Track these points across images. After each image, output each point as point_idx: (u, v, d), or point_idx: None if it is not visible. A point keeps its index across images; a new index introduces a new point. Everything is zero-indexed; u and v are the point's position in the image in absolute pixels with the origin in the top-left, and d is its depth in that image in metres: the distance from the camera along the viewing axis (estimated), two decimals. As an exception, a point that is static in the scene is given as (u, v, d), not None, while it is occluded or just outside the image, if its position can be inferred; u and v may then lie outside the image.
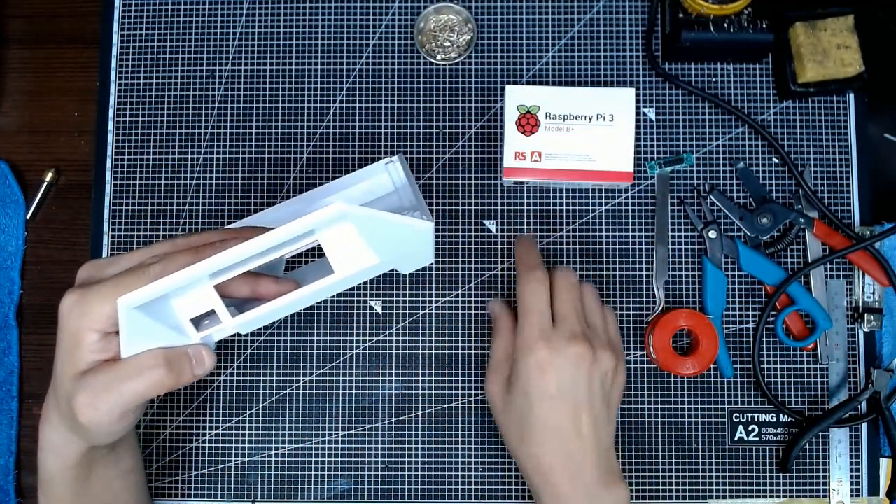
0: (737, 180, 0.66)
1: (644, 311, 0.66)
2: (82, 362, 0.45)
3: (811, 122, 0.67)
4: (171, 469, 0.65)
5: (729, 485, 0.64)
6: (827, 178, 0.67)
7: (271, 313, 0.49)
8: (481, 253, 0.66)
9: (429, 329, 0.66)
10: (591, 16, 0.68)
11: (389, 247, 0.48)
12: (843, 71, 0.63)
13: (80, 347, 0.44)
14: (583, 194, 0.66)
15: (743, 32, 0.63)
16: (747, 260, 0.64)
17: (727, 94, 0.67)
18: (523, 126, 0.62)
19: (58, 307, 0.45)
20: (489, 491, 0.64)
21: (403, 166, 0.56)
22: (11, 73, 0.70)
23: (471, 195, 0.67)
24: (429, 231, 0.49)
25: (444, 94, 0.68)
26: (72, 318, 0.44)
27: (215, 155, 0.67)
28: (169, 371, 0.45)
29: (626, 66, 0.68)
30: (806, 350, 0.65)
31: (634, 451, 0.65)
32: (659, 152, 0.67)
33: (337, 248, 0.46)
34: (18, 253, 0.67)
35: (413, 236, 0.49)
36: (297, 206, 0.57)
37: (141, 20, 0.69)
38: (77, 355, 0.44)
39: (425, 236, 0.50)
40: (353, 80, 0.68)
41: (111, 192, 0.67)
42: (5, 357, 0.66)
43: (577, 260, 0.66)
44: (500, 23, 0.68)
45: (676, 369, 0.62)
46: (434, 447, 0.65)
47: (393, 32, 0.68)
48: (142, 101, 0.68)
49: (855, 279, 0.66)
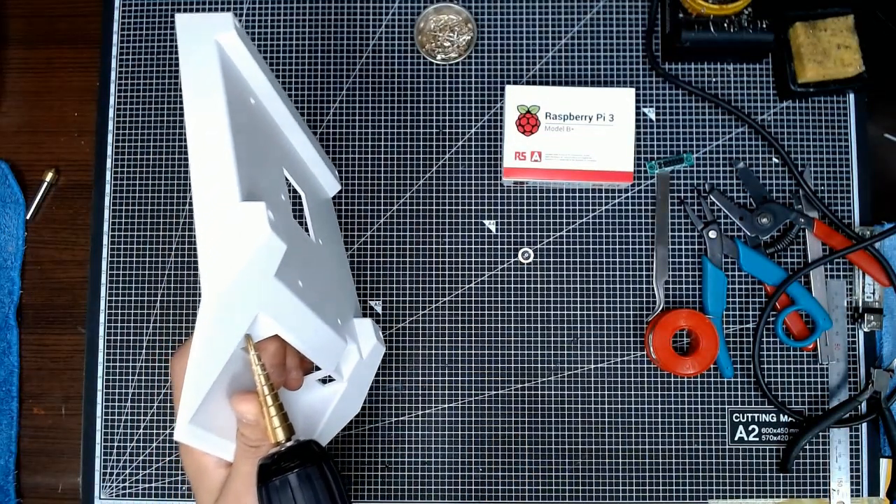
0: (737, 180, 0.66)
1: (644, 311, 0.66)
2: (215, 483, 0.45)
3: (811, 122, 0.67)
4: (170, 469, 0.65)
5: (729, 485, 0.64)
6: (827, 178, 0.67)
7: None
8: (481, 253, 0.66)
9: (429, 329, 0.66)
10: (591, 16, 0.68)
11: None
12: (843, 71, 0.63)
13: (207, 474, 0.45)
14: (583, 194, 0.66)
15: (743, 32, 0.63)
16: (747, 260, 0.64)
17: (727, 94, 0.67)
18: (523, 126, 0.62)
19: None
20: (489, 491, 0.64)
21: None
22: (11, 73, 0.70)
23: (471, 195, 0.67)
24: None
25: (444, 94, 0.68)
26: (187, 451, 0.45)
27: (215, 155, 0.67)
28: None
29: (626, 66, 0.68)
30: (806, 350, 0.65)
31: (635, 452, 0.65)
32: (659, 152, 0.67)
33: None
34: (18, 253, 0.67)
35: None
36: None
37: (141, 20, 0.69)
38: (207, 482, 0.45)
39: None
40: (353, 80, 0.68)
41: (111, 192, 0.67)
42: (5, 357, 0.66)
43: (577, 260, 0.66)
44: (500, 23, 0.68)
45: (676, 369, 0.62)
46: (434, 447, 0.65)
47: (393, 32, 0.68)
48: (142, 101, 0.68)
49: (855, 279, 0.66)
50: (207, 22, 0.44)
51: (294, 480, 0.40)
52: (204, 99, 0.42)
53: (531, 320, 0.65)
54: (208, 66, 0.43)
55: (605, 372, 0.65)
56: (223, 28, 0.44)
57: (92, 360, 0.66)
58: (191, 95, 0.42)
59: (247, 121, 0.45)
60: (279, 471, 0.40)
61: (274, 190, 0.47)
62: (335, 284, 0.56)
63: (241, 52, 0.46)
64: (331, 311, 0.50)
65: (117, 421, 0.65)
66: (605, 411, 0.65)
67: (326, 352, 0.48)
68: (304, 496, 0.40)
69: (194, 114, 0.41)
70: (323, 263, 0.54)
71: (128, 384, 0.66)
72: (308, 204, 0.57)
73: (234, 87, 0.45)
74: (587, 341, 0.65)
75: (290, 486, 0.40)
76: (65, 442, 0.67)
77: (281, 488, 0.40)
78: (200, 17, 0.45)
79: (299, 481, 0.40)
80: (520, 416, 0.65)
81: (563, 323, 0.65)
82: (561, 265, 0.66)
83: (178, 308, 0.66)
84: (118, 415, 0.65)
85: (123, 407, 0.65)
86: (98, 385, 0.66)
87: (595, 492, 0.64)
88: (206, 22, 0.44)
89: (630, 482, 0.64)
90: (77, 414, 0.66)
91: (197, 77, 0.43)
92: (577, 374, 0.65)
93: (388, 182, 0.67)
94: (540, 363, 0.65)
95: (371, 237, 0.66)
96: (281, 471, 0.40)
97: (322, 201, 0.62)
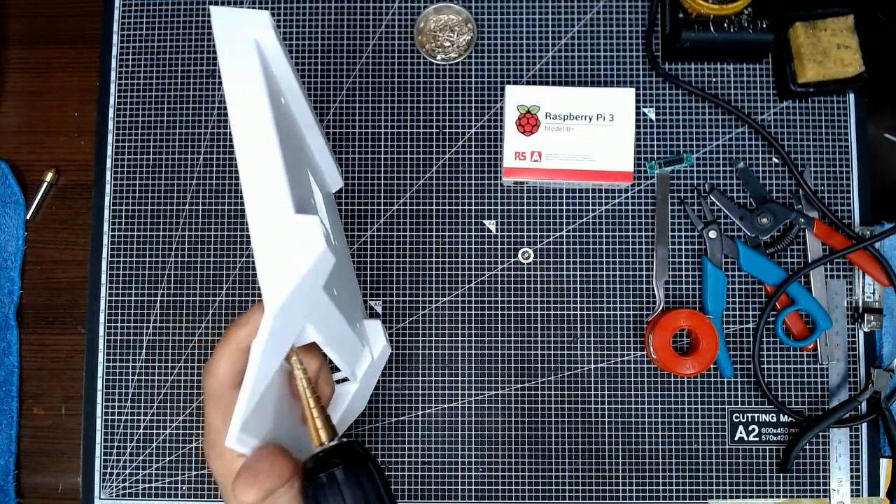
0: (737, 180, 0.66)
1: (644, 311, 0.66)
2: None
3: (811, 122, 0.67)
4: (171, 469, 0.65)
5: (729, 485, 0.64)
6: (827, 178, 0.67)
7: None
8: (481, 253, 0.66)
9: (429, 329, 0.66)
10: (591, 16, 0.68)
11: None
12: (843, 71, 0.63)
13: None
14: (583, 194, 0.66)
15: (743, 32, 0.63)
16: (747, 260, 0.64)
17: (727, 94, 0.67)
18: (523, 126, 0.62)
19: None
20: (489, 491, 0.64)
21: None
22: (11, 73, 0.70)
23: (471, 195, 0.67)
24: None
25: (444, 94, 0.68)
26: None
27: (215, 155, 0.67)
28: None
29: (626, 66, 0.68)
30: (806, 350, 0.65)
31: (635, 452, 0.65)
32: (659, 152, 0.67)
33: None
34: (18, 253, 0.67)
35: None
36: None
37: (141, 20, 0.69)
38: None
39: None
40: (353, 80, 0.68)
41: (111, 192, 0.67)
42: (5, 357, 0.66)
43: (577, 260, 0.66)
44: (500, 23, 0.68)
45: (676, 369, 0.62)
46: (434, 447, 0.65)
47: (393, 32, 0.68)
48: (142, 101, 0.68)
49: (855, 279, 0.66)
50: (245, 18, 0.44)
51: (341, 476, 0.40)
52: (249, 103, 0.42)
53: (531, 320, 0.65)
54: (251, 68, 0.43)
55: (605, 372, 0.65)
56: (261, 26, 0.44)
57: (92, 360, 0.66)
58: (235, 98, 0.42)
59: (284, 123, 0.46)
60: (326, 466, 0.40)
61: (307, 194, 0.47)
62: (350, 287, 0.56)
63: (276, 52, 0.46)
64: (352, 315, 0.50)
65: (117, 421, 0.65)
66: (605, 411, 0.65)
67: (350, 356, 0.49)
68: (352, 492, 0.40)
69: (240, 119, 0.41)
70: (342, 266, 0.54)
71: (128, 384, 0.66)
72: (324, 203, 0.57)
73: (272, 88, 0.45)
74: (587, 341, 0.65)
75: (337, 481, 0.40)
76: (65, 442, 0.67)
77: (328, 484, 0.40)
78: (239, 14, 0.44)
79: (346, 477, 0.40)
80: (520, 416, 0.65)
81: (563, 323, 0.65)
82: (561, 265, 0.66)
83: (178, 308, 0.66)
84: (118, 415, 0.65)
85: (123, 407, 0.65)
86: (98, 385, 0.66)
87: (595, 492, 0.64)
88: (244, 18, 0.44)
89: (630, 482, 0.64)
90: (77, 414, 0.66)
91: (240, 80, 0.42)
92: (577, 374, 0.65)
93: (389, 182, 0.67)
94: (540, 363, 0.65)
95: (371, 237, 0.66)
96: (328, 466, 0.40)
97: (327, 196, 0.62)
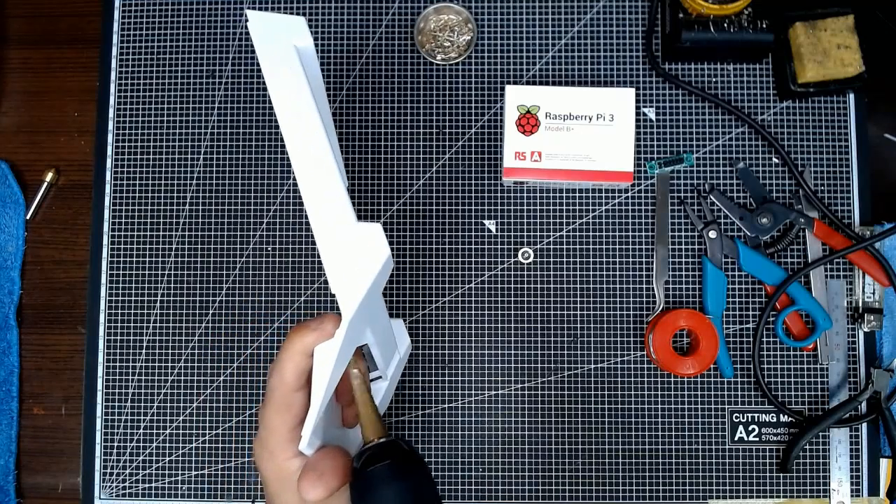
0: (737, 180, 0.66)
1: (644, 311, 0.66)
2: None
3: (811, 122, 0.67)
4: (171, 469, 0.65)
5: (729, 485, 0.64)
6: (827, 178, 0.67)
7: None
8: (481, 253, 0.66)
9: (429, 329, 0.66)
10: (591, 16, 0.68)
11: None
12: (843, 71, 0.63)
13: (291, 480, 0.44)
14: (583, 194, 0.66)
15: (743, 32, 0.63)
16: (747, 260, 0.64)
17: (727, 94, 0.67)
18: (523, 126, 0.62)
19: None
20: (489, 491, 0.64)
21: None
22: (11, 73, 0.70)
23: (471, 195, 0.67)
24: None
25: (444, 94, 0.68)
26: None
27: (215, 155, 0.67)
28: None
29: (626, 66, 0.68)
30: (806, 350, 0.65)
31: (635, 452, 0.65)
32: (659, 152, 0.67)
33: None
34: (18, 253, 0.67)
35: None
36: None
37: (141, 20, 0.69)
38: (290, 486, 0.44)
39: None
40: (353, 80, 0.68)
41: (111, 192, 0.67)
42: (5, 357, 0.66)
43: (577, 260, 0.66)
44: (500, 23, 0.68)
45: (676, 369, 0.62)
46: (434, 447, 0.65)
47: (393, 32, 0.68)
48: (142, 101, 0.68)
49: (855, 279, 0.66)
50: (284, 24, 0.44)
51: (390, 471, 0.40)
52: (300, 113, 0.42)
53: (531, 320, 0.65)
54: (296, 76, 0.43)
55: (605, 372, 0.65)
56: (300, 34, 0.44)
57: (92, 360, 0.66)
58: (285, 109, 0.42)
59: (328, 129, 0.46)
60: (376, 460, 0.41)
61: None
62: None
63: (312, 59, 0.46)
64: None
65: (117, 421, 0.65)
66: (605, 411, 0.65)
67: (389, 355, 0.51)
68: (402, 486, 0.40)
69: (294, 130, 0.42)
70: None
71: (128, 384, 0.66)
72: None
73: (316, 95, 0.45)
74: (587, 341, 0.65)
75: (386, 475, 0.40)
76: (65, 442, 0.67)
77: (378, 477, 0.40)
78: (277, 19, 0.44)
79: (394, 472, 0.40)
80: (520, 416, 0.65)
81: (563, 323, 0.65)
82: (561, 265, 0.66)
83: (178, 308, 0.66)
84: (118, 415, 0.65)
85: (123, 407, 0.65)
86: (98, 385, 0.66)
87: (595, 492, 0.64)
88: (283, 24, 0.44)
89: (630, 482, 0.64)
90: (77, 414, 0.66)
91: (287, 88, 0.43)
92: (577, 374, 0.65)
93: (388, 182, 0.67)
94: (540, 363, 0.65)
95: (371, 237, 0.66)
96: (378, 459, 0.41)
97: None
